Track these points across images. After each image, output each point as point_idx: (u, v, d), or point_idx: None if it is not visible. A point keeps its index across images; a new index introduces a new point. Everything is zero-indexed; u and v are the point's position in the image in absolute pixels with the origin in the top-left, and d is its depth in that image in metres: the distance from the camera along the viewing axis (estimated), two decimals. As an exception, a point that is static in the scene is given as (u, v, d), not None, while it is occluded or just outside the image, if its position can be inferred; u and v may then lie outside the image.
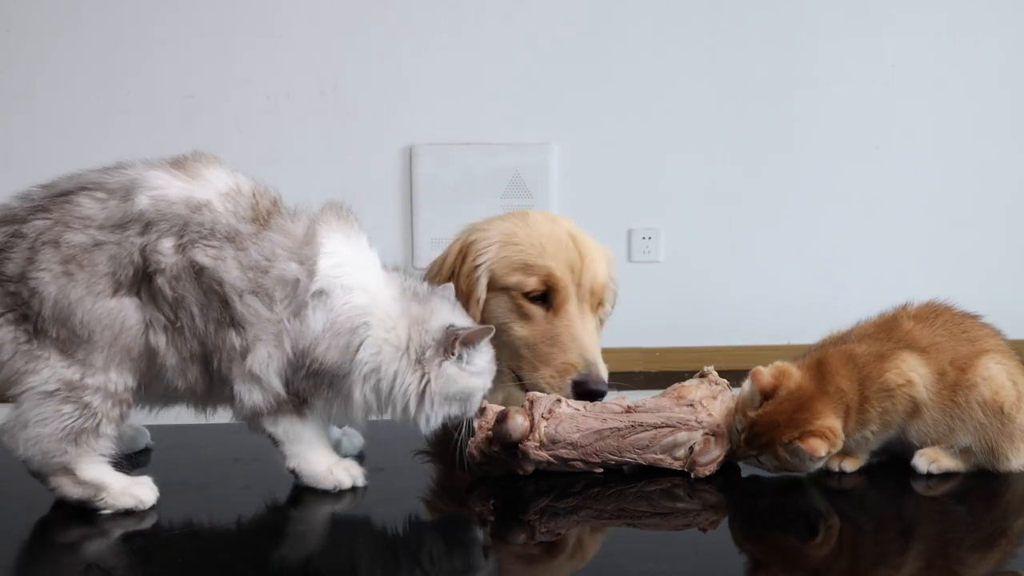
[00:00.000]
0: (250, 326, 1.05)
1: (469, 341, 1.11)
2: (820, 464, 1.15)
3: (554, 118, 2.76)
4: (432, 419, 1.12)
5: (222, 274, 1.04)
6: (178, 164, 1.10)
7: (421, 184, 2.67)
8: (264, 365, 1.06)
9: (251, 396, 1.07)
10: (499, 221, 1.48)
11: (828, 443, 1.12)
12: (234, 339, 1.05)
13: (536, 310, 1.40)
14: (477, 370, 1.13)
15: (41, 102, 2.70)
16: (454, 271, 1.44)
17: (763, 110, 2.86)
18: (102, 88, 2.71)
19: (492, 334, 1.14)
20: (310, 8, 2.76)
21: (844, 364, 1.17)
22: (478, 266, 1.42)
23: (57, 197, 1.05)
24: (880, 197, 2.89)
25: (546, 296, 1.41)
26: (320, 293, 1.07)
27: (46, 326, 1.01)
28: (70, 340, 1.01)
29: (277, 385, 1.07)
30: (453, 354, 1.10)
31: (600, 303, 1.47)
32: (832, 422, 1.14)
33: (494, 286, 1.42)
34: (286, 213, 1.11)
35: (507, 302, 1.41)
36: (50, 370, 1.01)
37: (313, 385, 1.09)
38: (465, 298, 1.39)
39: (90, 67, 2.71)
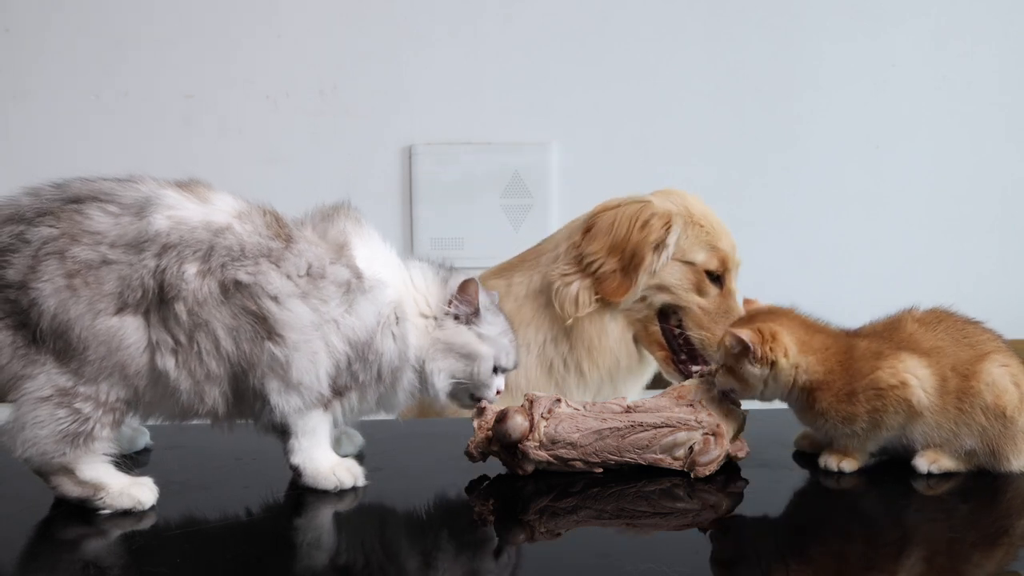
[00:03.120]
0: (290, 332, 1.06)
1: (459, 292, 1.17)
2: (766, 387, 1.19)
3: (554, 118, 2.76)
4: (441, 372, 1.17)
5: (265, 287, 1.05)
6: (185, 186, 1.10)
7: (421, 184, 2.67)
8: (307, 373, 1.07)
9: (288, 404, 1.09)
10: (664, 198, 1.67)
11: (760, 339, 1.16)
12: (274, 351, 1.05)
13: (711, 287, 1.63)
14: (482, 334, 1.18)
15: (40, 102, 2.70)
16: (628, 237, 1.60)
17: (763, 110, 2.86)
18: (102, 88, 2.71)
19: (478, 287, 1.18)
20: (310, 8, 2.76)
21: (841, 349, 1.19)
22: (662, 240, 1.60)
23: (68, 203, 1.03)
24: (880, 197, 2.89)
25: (720, 275, 1.64)
26: (370, 289, 1.12)
27: (43, 336, 1.01)
28: (65, 351, 1.01)
29: (323, 386, 1.10)
30: (450, 305, 1.17)
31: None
32: (782, 335, 1.18)
33: (676, 259, 1.62)
34: (293, 224, 1.14)
35: (687, 273, 1.62)
36: (46, 376, 1.01)
37: (364, 378, 1.12)
38: (633, 262, 1.59)
39: (89, 67, 2.70)
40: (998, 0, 2.87)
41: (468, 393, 1.20)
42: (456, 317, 1.17)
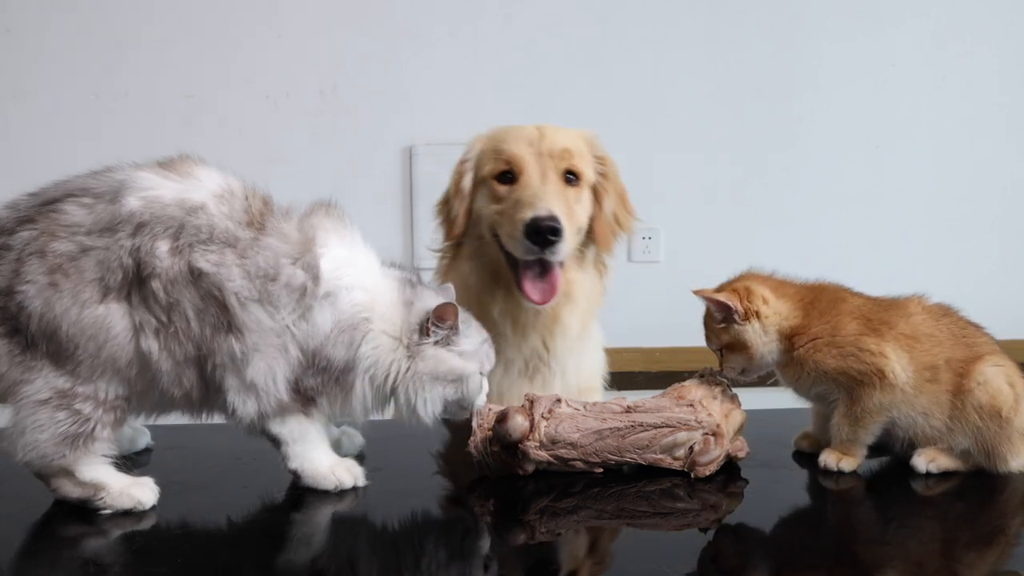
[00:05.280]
0: (250, 333, 1.05)
1: (440, 317, 1.12)
2: (763, 344, 1.21)
3: (553, 118, 2.76)
4: (429, 403, 1.13)
5: (224, 281, 1.04)
6: (167, 165, 1.09)
7: (421, 184, 2.67)
8: (264, 376, 1.06)
9: (245, 406, 1.07)
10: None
11: (737, 297, 1.20)
12: (233, 344, 1.04)
13: (502, 188, 1.52)
14: (463, 351, 1.14)
15: (40, 102, 2.70)
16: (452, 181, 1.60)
17: (763, 110, 2.86)
18: (102, 88, 2.71)
19: (458, 311, 1.14)
20: (310, 8, 2.76)
21: (818, 297, 1.22)
22: (466, 161, 1.58)
23: (44, 206, 1.04)
24: (880, 197, 2.89)
25: (511, 174, 1.52)
26: (327, 295, 1.08)
27: (35, 340, 1.01)
28: (58, 352, 1.01)
29: (281, 392, 1.08)
30: (429, 334, 1.12)
31: (572, 169, 1.54)
32: (755, 286, 1.21)
33: (478, 180, 1.56)
34: (278, 213, 1.10)
35: (485, 191, 1.54)
36: (43, 380, 1.02)
37: (320, 383, 1.10)
38: (455, 190, 1.57)
39: (90, 67, 2.71)
40: (998, 0, 2.87)
41: (456, 406, 1.17)
42: (436, 342, 1.13)
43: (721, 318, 1.22)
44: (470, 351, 1.15)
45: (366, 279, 1.13)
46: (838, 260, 2.81)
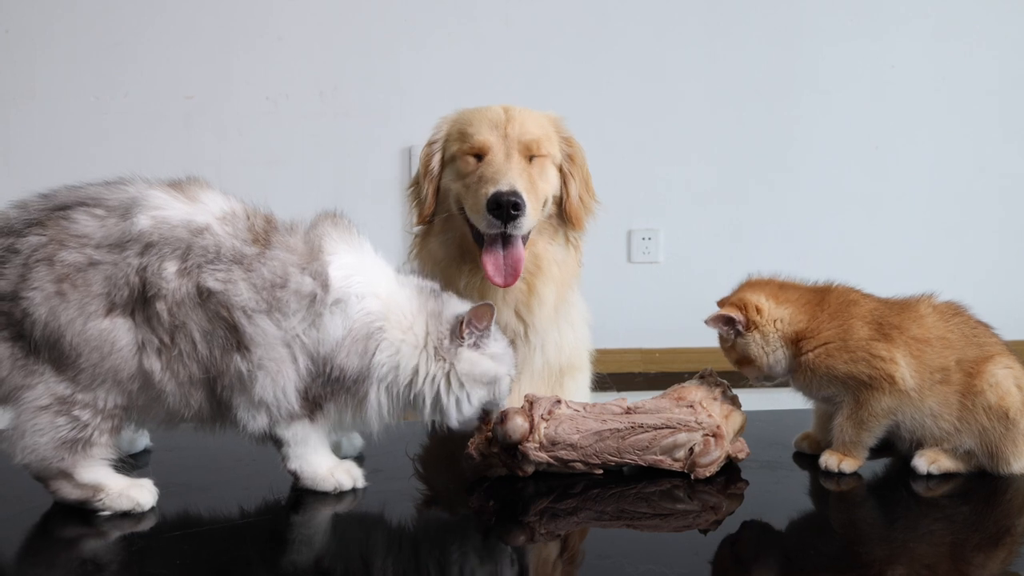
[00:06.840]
0: (256, 347, 1.05)
1: (474, 319, 1.13)
2: (767, 356, 1.21)
3: (554, 118, 2.77)
4: (463, 403, 1.13)
5: (232, 297, 1.04)
6: (176, 186, 1.09)
7: (421, 185, 2.66)
8: (272, 392, 1.06)
9: (256, 422, 1.08)
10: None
11: (738, 310, 1.20)
12: (239, 363, 1.05)
13: (469, 165, 1.56)
14: (494, 354, 1.15)
15: (40, 103, 2.70)
16: (421, 164, 1.64)
17: (763, 111, 2.86)
18: (102, 89, 2.71)
19: (494, 313, 1.14)
20: (309, 10, 2.76)
21: (825, 301, 1.22)
22: (433, 143, 1.61)
23: (54, 211, 1.04)
24: (880, 197, 2.89)
25: (477, 153, 1.56)
26: (337, 302, 1.08)
27: (38, 346, 1.01)
28: (60, 360, 1.01)
29: (292, 403, 1.08)
30: (463, 336, 1.12)
31: (537, 153, 1.58)
32: (749, 298, 1.21)
33: (446, 160, 1.60)
34: (283, 229, 1.11)
35: (453, 169, 1.58)
36: (44, 385, 1.02)
37: (331, 391, 1.10)
38: (424, 171, 1.60)
39: (90, 68, 2.71)
40: (998, 0, 2.87)
41: (481, 409, 1.18)
42: (469, 345, 1.13)
43: (725, 330, 1.22)
44: (500, 353, 1.16)
45: (378, 287, 1.12)
46: (838, 260, 2.82)
